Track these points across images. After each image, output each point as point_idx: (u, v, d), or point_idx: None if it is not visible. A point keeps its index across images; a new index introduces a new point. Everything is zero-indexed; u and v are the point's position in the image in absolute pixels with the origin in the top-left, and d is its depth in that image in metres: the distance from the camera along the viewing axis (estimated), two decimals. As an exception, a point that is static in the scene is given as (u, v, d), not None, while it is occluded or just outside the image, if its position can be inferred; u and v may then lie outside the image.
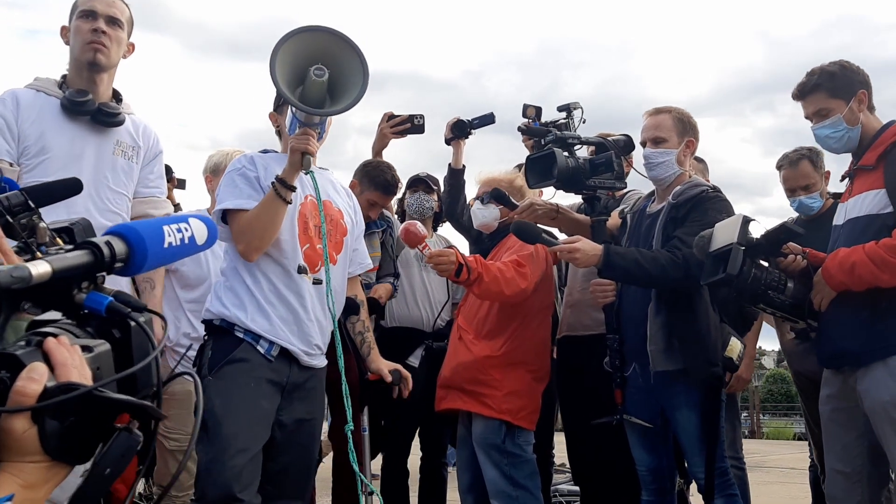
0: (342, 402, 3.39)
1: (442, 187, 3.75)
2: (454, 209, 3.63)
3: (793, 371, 3.66)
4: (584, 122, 3.12)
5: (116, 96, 2.72)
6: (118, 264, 0.92)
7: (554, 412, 3.67)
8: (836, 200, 2.93)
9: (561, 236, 3.16)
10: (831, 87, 2.58)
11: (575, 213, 3.28)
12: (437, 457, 3.74)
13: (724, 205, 2.82)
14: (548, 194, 3.42)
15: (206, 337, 2.48)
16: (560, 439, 3.71)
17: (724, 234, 2.51)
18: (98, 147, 2.62)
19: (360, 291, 2.87)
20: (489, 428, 3.04)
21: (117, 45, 2.63)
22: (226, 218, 2.43)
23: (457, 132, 3.52)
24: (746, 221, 2.49)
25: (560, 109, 3.15)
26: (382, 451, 3.74)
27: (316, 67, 2.27)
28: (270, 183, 2.38)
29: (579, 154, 3.03)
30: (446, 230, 3.99)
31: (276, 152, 2.62)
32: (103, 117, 2.61)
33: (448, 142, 3.56)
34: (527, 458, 3.05)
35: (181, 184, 3.70)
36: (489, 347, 3.09)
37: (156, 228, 0.97)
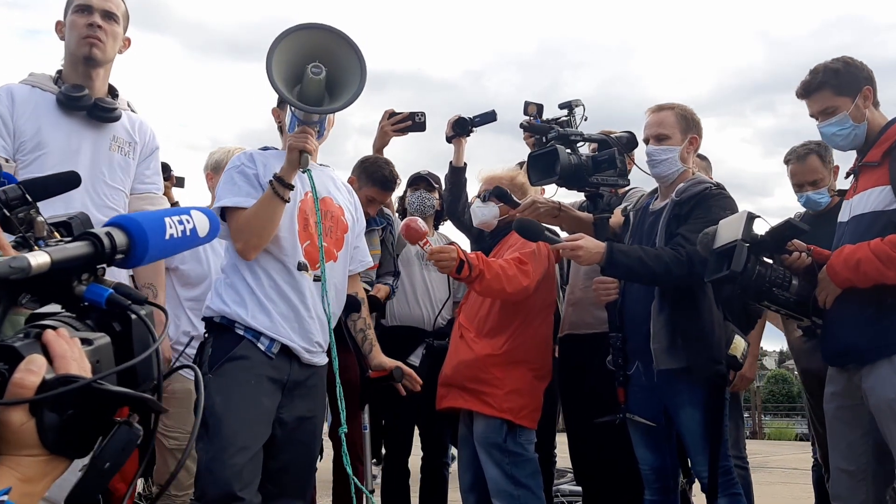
0: (344, 401, 3.39)
1: (443, 186, 3.74)
2: (455, 208, 3.61)
3: (800, 369, 3.63)
4: (585, 120, 3.11)
5: (112, 92, 2.70)
6: (119, 256, 0.91)
7: (556, 411, 3.65)
8: (842, 198, 2.92)
9: (563, 234, 3.14)
10: (836, 85, 2.56)
11: (577, 211, 3.27)
12: (439, 457, 3.72)
13: (727, 202, 2.80)
14: (549, 192, 3.40)
15: (207, 334, 2.46)
16: (562, 440, 3.69)
17: (729, 230, 2.49)
18: (94, 142, 2.59)
19: (360, 289, 2.86)
20: (490, 427, 3.03)
21: (113, 40, 2.60)
22: (225, 215, 2.41)
23: (458, 130, 3.50)
24: (751, 218, 2.48)
25: (561, 107, 3.13)
26: (385, 450, 3.72)
27: (313, 65, 2.26)
28: (269, 181, 2.37)
29: (582, 151, 3.02)
30: (448, 229, 3.98)
31: (277, 149, 2.61)
32: (99, 112, 2.59)
33: (449, 140, 3.54)
34: (528, 456, 3.04)
35: (180, 182, 3.69)
36: (490, 346, 3.08)
37: (157, 220, 0.96)
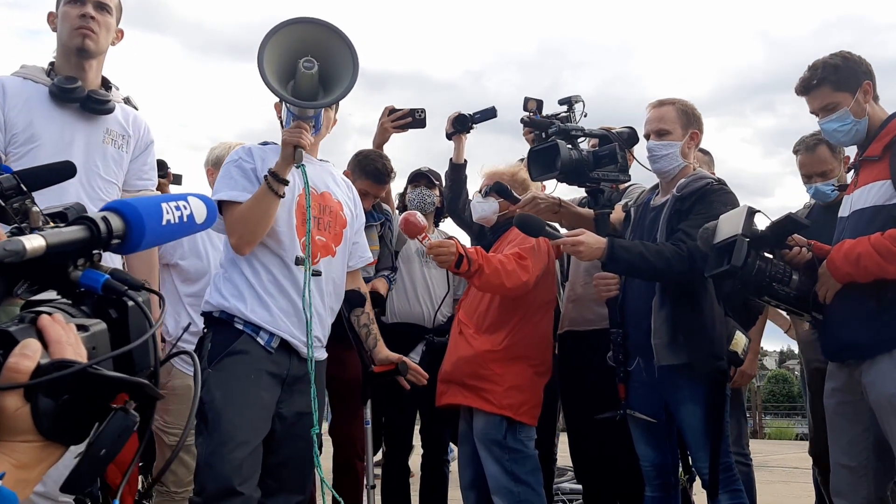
0: (343, 398, 3.38)
1: (444, 183, 3.73)
2: (456, 204, 3.61)
3: (805, 360, 3.60)
4: (585, 116, 3.10)
5: (105, 84, 2.67)
6: (115, 241, 0.90)
7: (556, 408, 3.64)
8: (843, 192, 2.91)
9: (563, 230, 3.13)
10: (836, 81, 2.55)
11: (577, 207, 3.26)
12: (439, 454, 3.71)
13: (729, 197, 2.79)
14: (549, 187, 3.39)
15: (206, 329, 2.46)
16: (563, 438, 3.67)
17: (729, 225, 2.49)
18: (88, 135, 2.57)
19: (362, 284, 2.85)
20: (490, 423, 3.01)
21: (106, 31, 2.58)
22: (222, 209, 2.40)
23: (458, 127, 3.49)
24: (751, 213, 2.47)
25: (561, 103, 3.12)
26: (385, 448, 3.72)
27: (305, 60, 2.26)
28: (263, 176, 2.36)
29: (582, 147, 3.01)
30: (448, 226, 3.97)
31: (276, 144, 2.60)
32: (93, 105, 2.56)
33: (449, 136, 3.53)
34: (528, 453, 3.02)
35: (177, 179, 3.68)
36: (490, 342, 3.07)
37: (154, 205, 0.95)
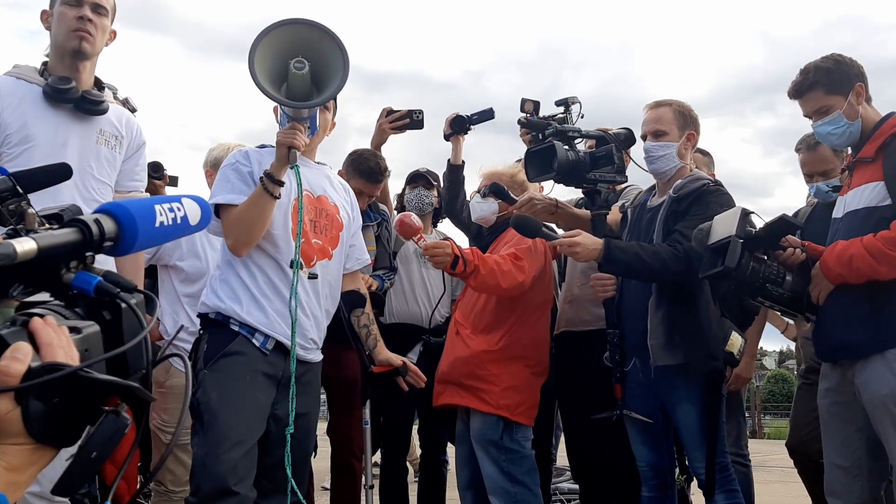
0: (341, 398, 3.39)
1: (441, 183, 3.74)
2: (454, 205, 3.60)
3: (804, 355, 3.59)
4: (582, 117, 3.10)
5: (98, 84, 2.67)
6: (108, 243, 0.90)
7: (554, 408, 3.64)
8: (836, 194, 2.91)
9: (560, 231, 3.14)
10: (828, 84, 2.55)
11: (574, 208, 3.27)
12: (437, 454, 3.71)
13: (725, 198, 2.79)
14: (546, 188, 3.40)
15: (202, 330, 2.47)
16: (563, 439, 3.66)
17: (723, 226, 2.49)
18: (82, 136, 2.57)
19: (362, 285, 2.86)
20: (487, 424, 3.02)
21: (102, 33, 2.59)
22: (219, 212, 2.42)
23: (456, 128, 3.48)
24: (745, 214, 2.47)
25: (558, 104, 3.13)
26: (383, 448, 3.72)
27: (296, 61, 2.27)
28: (259, 178, 2.37)
29: (579, 148, 3.01)
30: (446, 226, 3.98)
31: (273, 147, 2.62)
32: (87, 105, 2.57)
33: (447, 137, 3.52)
34: (525, 453, 3.03)
35: (173, 181, 3.69)
36: (486, 342, 3.07)
37: (147, 207, 0.95)
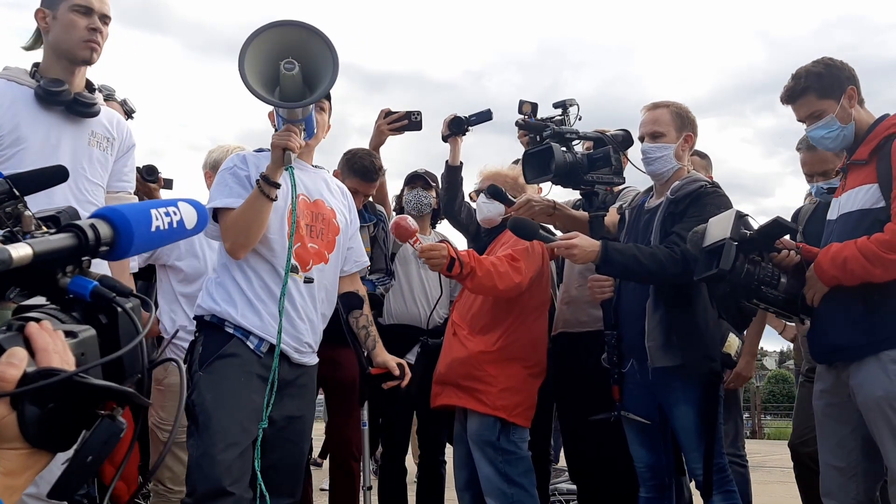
0: (339, 399, 3.40)
1: (440, 184, 3.74)
2: (452, 207, 3.60)
3: (806, 356, 3.59)
4: (580, 119, 3.10)
5: (89, 86, 2.67)
6: (103, 248, 0.91)
7: (552, 409, 3.65)
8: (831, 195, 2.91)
9: (558, 233, 3.14)
10: (820, 88, 2.56)
11: (572, 210, 3.27)
12: (435, 455, 3.71)
13: (722, 200, 2.80)
14: (545, 191, 3.40)
15: (197, 333, 2.48)
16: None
17: (718, 229, 2.50)
18: (74, 137, 2.57)
19: (361, 286, 2.86)
20: (484, 425, 3.02)
21: (104, 42, 2.61)
22: (217, 217, 2.43)
23: (454, 129, 3.48)
24: (740, 216, 2.48)
25: (556, 106, 3.13)
26: (382, 448, 3.73)
27: (286, 62, 2.27)
28: (256, 180, 2.38)
29: (577, 150, 3.02)
30: (445, 227, 3.98)
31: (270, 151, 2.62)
32: (79, 108, 2.57)
33: (445, 139, 3.52)
34: (521, 455, 3.02)
35: (168, 184, 3.69)
36: (483, 343, 3.07)
37: (143, 212, 0.95)
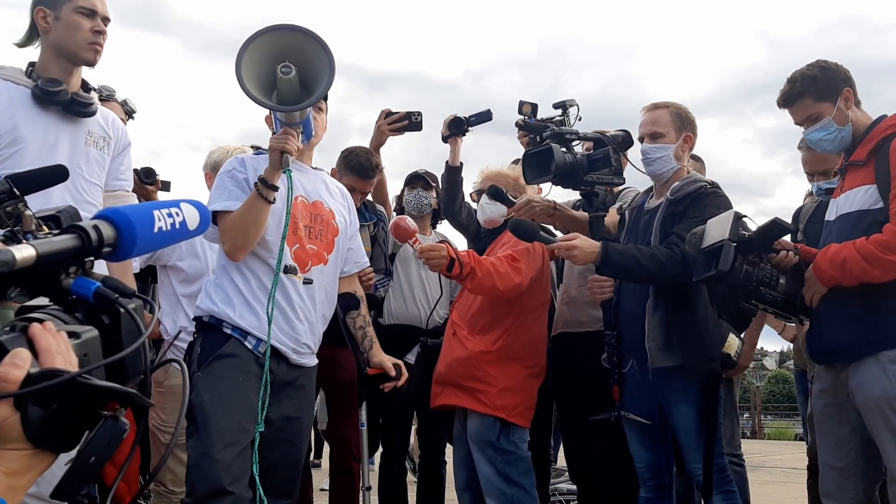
0: (339, 400, 3.40)
1: (440, 185, 3.74)
2: (452, 207, 3.60)
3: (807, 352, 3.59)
4: (579, 120, 3.11)
5: (85, 86, 2.67)
6: (106, 249, 0.91)
7: (552, 410, 3.65)
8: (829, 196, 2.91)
9: (558, 234, 3.15)
10: (816, 92, 2.56)
11: (572, 210, 3.27)
12: (436, 455, 3.72)
13: (722, 200, 2.80)
14: (545, 191, 3.40)
15: (196, 334, 2.49)
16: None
17: (716, 230, 2.50)
18: (71, 137, 2.57)
19: (359, 287, 2.87)
20: (484, 425, 3.02)
21: (104, 44, 2.61)
22: (216, 220, 2.43)
23: (454, 129, 3.48)
24: (738, 217, 2.49)
25: (556, 106, 3.13)
26: (382, 449, 3.73)
27: (282, 66, 2.28)
28: (254, 183, 2.39)
29: (577, 150, 3.02)
30: (445, 228, 3.99)
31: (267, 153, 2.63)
32: (76, 107, 2.57)
33: (445, 139, 3.52)
34: (521, 455, 3.03)
35: (166, 186, 3.69)
36: (483, 342, 3.07)
37: (146, 213, 0.96)
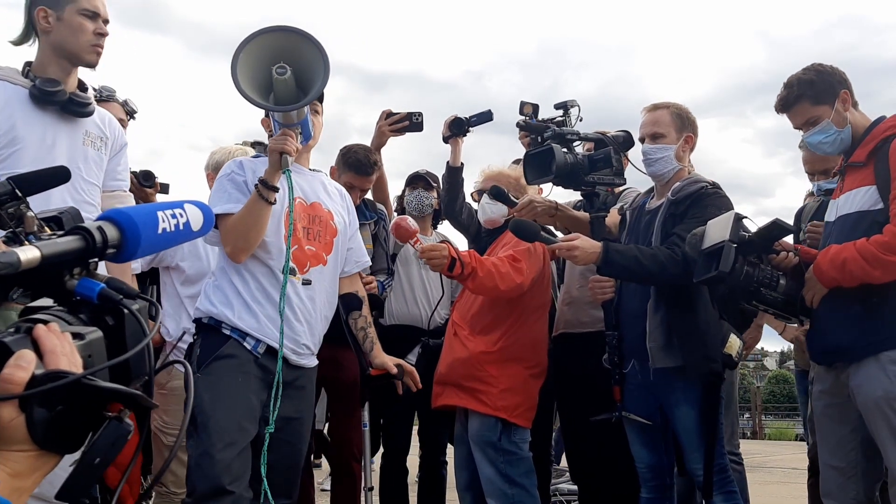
0: (340, 400, 3.41)
1: (441, 185, 3.74)
2: (453, 207, 3.60)
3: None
4: (580, 120, 3.11)
5: (81, 86, 2.66)
6: (110, 250, 0.91)
7: (552, 410, 3.65)
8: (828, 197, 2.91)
9: (559, 234, 3.15)
10: (813, 95, 2.57)
11: (573, 210, 3.27)
12: (437, 455, 3.72)
13: (723, 201, 2.80)
14: (545, 191, 3.40)
15: (196, 335, 2.50)
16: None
17: (717, 231, 2.50)
18: (69, 137, 2.56)
19: (360, 287, 2.87)
20: (485, 425, 3.02)
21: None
22: (216, 223, 2.43)
23: (454, 130, 3.48)
24: (738, 218, 2.49)
25: (557, 107, 3.14)
26: (383, 449, 3.73)
27: (277, 67, 2.29)
28: (254, 185, 2.40)
29: (578, 151, 3.02)
30: (445, 228, 3.99)
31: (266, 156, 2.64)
32: (74, 107, 2.56)
33: (446, 140, 3.52)
34: (522, 455, 3.03)
35: (164, 188, 3.69)
36: (484, 343, 3.07)
37: (149, 214, 0.96)
